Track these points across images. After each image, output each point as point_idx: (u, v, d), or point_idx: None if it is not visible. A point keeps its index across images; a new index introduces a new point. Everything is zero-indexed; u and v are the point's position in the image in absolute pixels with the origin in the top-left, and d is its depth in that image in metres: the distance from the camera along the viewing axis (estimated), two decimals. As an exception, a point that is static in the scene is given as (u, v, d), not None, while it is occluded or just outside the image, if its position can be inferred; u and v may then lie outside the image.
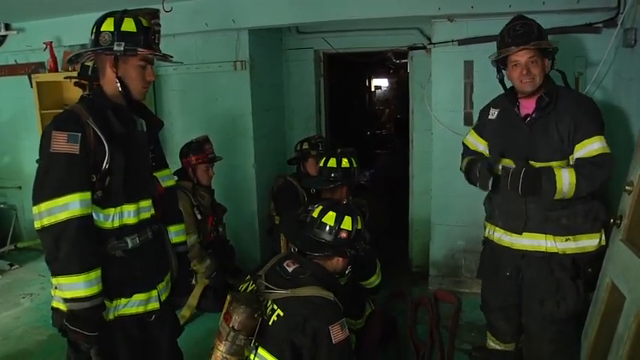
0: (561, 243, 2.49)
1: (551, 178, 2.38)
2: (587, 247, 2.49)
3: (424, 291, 4.27)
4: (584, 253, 2.50)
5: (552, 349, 2.58)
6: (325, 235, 2.34)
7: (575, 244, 2.48)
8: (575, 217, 2.48)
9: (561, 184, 2.36)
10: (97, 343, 1.91)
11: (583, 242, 2.49)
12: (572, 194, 2.37)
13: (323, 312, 2.11)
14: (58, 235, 1.81)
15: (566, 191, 2.37)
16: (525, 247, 2.59)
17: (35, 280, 4.69)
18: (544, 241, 2.52)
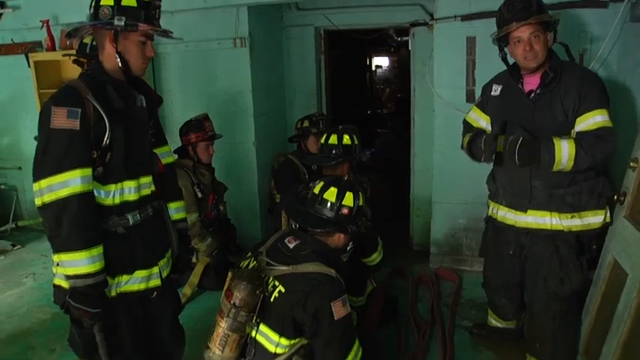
0: (566, 220, 2.47)
1: (550, 149, 2.35)
2: (592, 224, 2.48)
3: (425, 269, 4.27)
4: (589, 230, 2.49)
5: (555, 327, 2.58)
6: (326, 212, 2.32)
7: (580, 222, 2.47)
8: (580, 195, 2.46)
9: (560, 155, 2.33)
10: (100, 319, 1.91)
11: (588, 219, 2.47)
12: (571, 167, 2.34)
13: (325, 288, 2.10)
14: (59, 212, 1.80)
15: (565, 163, 2.34)
16: (530, 225, 2.57)
17: (37, 260, 4.71)
18: (549, 219, 2.50)
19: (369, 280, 3.27)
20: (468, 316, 3.52)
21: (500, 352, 3.06)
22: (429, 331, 3.24)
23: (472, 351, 3.12)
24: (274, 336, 2.17)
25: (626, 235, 2.36)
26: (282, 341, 2.17)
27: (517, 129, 2.43)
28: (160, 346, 2.29)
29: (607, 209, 2.49)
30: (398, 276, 4.13)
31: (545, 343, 2.61)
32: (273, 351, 2.20)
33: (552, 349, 2.60)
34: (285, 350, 2.21)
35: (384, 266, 3.26)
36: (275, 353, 2.20)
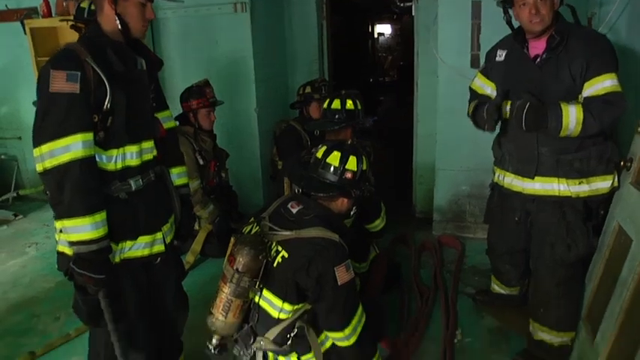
0: (574, 186, 2.44)
1: (558, 114, 2.29)
2: (600, 190, 2.44)
3: (428, 236, 4.28)
4: (597, 195, 2.45)
5: (560, 292, 2.57)
6: (330, 176, 2.29)
7: (588, 187, 2.43)
8: (588, 160, 2.41)
9: (568, 121, 2.28)
10: (104, 285, 1.89)
11: (596, 184, 2.43)
12: (578, 132, 2.29)
13: (328, 253, 2.08)
14: (60, 178, 1.77)
15: (572, 128, 2.29)
16: (537, 192, 2.53)
17: (40, 230, 4.73)
18: (557, 185, 2.46)
19: (372, 247, 3.26)
20: (471, 282, 3.53)
21: (503, 318, 3.07)
22: (432, 297, 3.25)
23: (475, 317, 3.13)
24: (277, 301, 2.16)
25: (632, 202, 2.33)
26: (285, 306, 2.17)
27: (524, 94, 2.37)
28: (163, 312, 2.29)
29: (615, 174, 2.44)
30: (401, 243, 4.13)
31: (549, 309, 2.60)
32: (277, 316, 2.20)
33: (556, 314, 2.59)
34: (289, 315, 2.21)
35: (387, 233, 3.25)
36: (278, 319, 2.20)
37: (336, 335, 2.20)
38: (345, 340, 2.20)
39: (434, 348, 2.84)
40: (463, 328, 3.00)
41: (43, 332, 3.09)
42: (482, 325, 3.05)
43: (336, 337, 2.22)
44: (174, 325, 2.40)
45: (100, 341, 2.14)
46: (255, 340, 2.28)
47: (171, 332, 2.40)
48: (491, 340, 2.91)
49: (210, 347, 2.25)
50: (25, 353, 2.83)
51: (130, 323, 2.09)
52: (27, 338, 3.03)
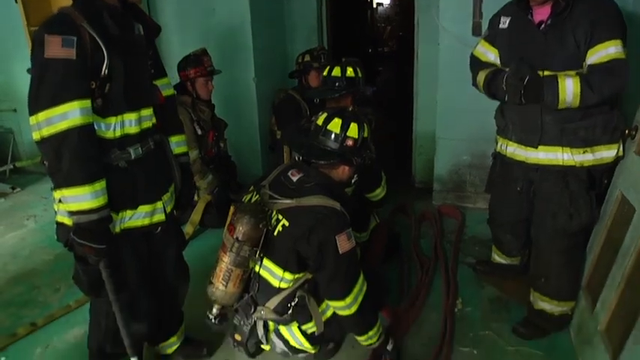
0: (579, 155, 2.40)
1: (554, 89, 2.25)
2: (604, 159, 2.41)
3: (428, 206, 4.26)
4: (601, 164, 2.42)
5: (561, 262, 2.56)
6: (331, 143, 2.25)
7: (592, 156, 2.40)
8: (593, 129, 2.37)
9: (564, 95, 2.23)
10: (105, 256, 1.87)
11: (601, 154, 2.40)
12: (577, 104, 2.25)
13: (329, 221, 2.06)
14: (58, 146, 1.72)
15: (570, 101, 2.24)
16: (541, 161, 2.50)
17: (38, 202, 4.70)
18: (561, 154, 2.43)
19: (373, 216, 3.24)
20: (472, 252, 3.53)
21: (504, 287, 3.07)
22: (432, 267, 3.24)
23: (475, 287, 3.13)
24: (278, 270, 2.15)
25: (636, 171, 2.30)
26: (286, 276, 2.16)
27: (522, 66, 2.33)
28: (164, 282, 2.28)
29: (620, 143, 2.40)
30: (401, 213, 4.12)
31: (550, 279, 2.60)
32: (277, 285, 2.19)
33: (557, 284, 2.59)
34: (289, 285, 2.20)
35: (387, 203, 3.23)
36: (279, 288, 2.20)
37: (337, 304, 2.20)
38: (346, 309, 2.20)
39: (434, 317, 2.84)
40: (463, 297, 3.00)
41: (43, 304, 3.09)
42: (482, 295, 3.05)
43: (337, 306, 2.21)
44: (175, 295, 2.40)
45: (101, 312, 2.13)
46: (256, 309, 2.29)
47: (171, 302, 2.39)
48: (491, 309, 2.91)
49: (211, 317, 2.26)
50: (26, 324, 2.84)
51: (131, 293, 2.08)
52: (28, 309, 3.03)
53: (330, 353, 2.55)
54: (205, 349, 2.59)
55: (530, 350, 2.56)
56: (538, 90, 2.28)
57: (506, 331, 2.71)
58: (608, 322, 2.25)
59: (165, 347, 2.53)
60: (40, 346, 2.70)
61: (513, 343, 2.61)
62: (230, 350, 2.60)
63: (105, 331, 2.16)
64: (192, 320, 2.60)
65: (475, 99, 2.73)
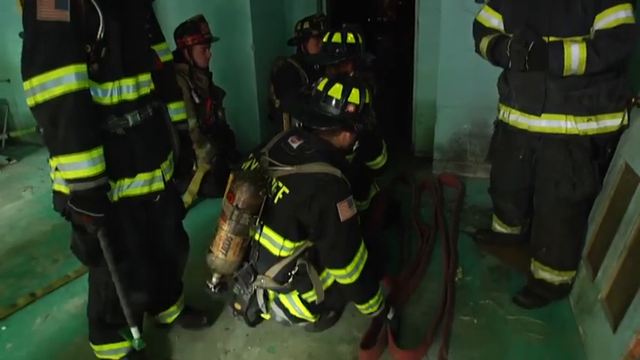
0: (582, 124, 2.35)
1: (559, 55, 2.20)
2: (608, 127, 2.36)
3: (428, 175, 4.24)
4: (605, 133, 2.37)
5: (563, 232, 2.54)
6: (332, 109, 2.20)
7: (596, 125, 2.35)
8: (598, 97, 2.32)
9: (570, 61, 2.18)
10: (103, 224, 1.83)
11: (605, 122, 2.35)
12: (582, 71, 2.20)
13: (330, 188, 2.03)
14: (54, 112, 1.66)
15: (575, 68, 2.20)
16: (544, 130, 2.45)
17: (34, 174, 4.66)
18: (564, 123, 2.38)
19: (373, 185, 3.21)
20: (472, 221, 3.51)
21: (504, 256, 3.07)
22: (432, 236, 3.23)
23: (475, 256, 3.12)
24: (278, 239, 2.13)
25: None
26: (286, 244, 2.14)
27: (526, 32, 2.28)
28: (163, 252, 2.26)
29: (625, 111, 2.36)
30: (400, 182, 4.10)
31: (551, 248, 2.59)
32: (278, 254, 2.17)
33: (559, 253, 2.58)
34: (290, 253, 2.18)
35: (387, 172, 3.20)
36: (279, 256, 2.18)
37: (338, 273, 2.18)
38: (347, 278, 2.18)
39: (434, 286, 2.84)
40: (463, 266, 3.00)
41: (42, 274, 3.08)
42: (482, 264, 3.04)
43: (338, 274, 2.20)
44: (175, 264, 2.38)
45: (100, 282, 2.10)
46: (256, 278, 2.27)
47: (171, 271, 2.38)
48: (491, 279, 2.91)
49: (210, 286, 2.24)
50: (25, 294, 2.84)
51: (131, 263, 2.05)
52: (27, 280, 3.02)
53: (330, 322, 2.55)
54: (205, 318, 2.58)
55: (531, 319, 2.56)
56: (543, 56, 2.23)
57: (506, 300, 2.71)
58: (609, 290, 2.24)
59: (165, 316, 2.52)
60: (39, 316, 2.70)
61: (513, 312, 2.61)
62: (230, 319, 2.60)
63: (104, 301, 2.13)
64: (192, 290, 2.60)
65: (477, 66, 2.68)
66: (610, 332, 2.11)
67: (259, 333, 2.55)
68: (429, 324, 2.53)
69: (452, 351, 2.38)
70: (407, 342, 2.46)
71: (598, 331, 2.25)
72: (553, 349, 2.38)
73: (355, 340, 2.46)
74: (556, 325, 2.52)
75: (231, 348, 2.47)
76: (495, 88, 2.74)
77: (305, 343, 2.47)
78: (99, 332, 2.23)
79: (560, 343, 2.42)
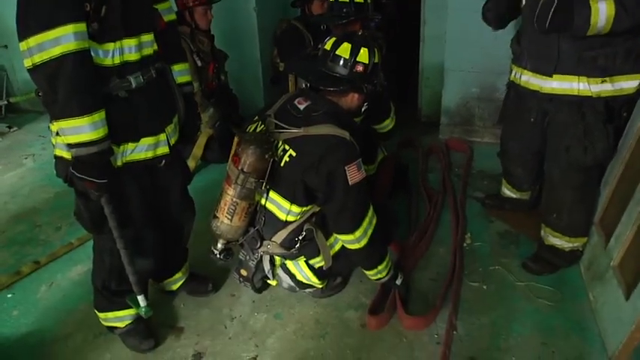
0: (596, 85, 2.26)
1: (585, 13, 2.04)
2: (624, 90, 2.26)
3: (435, 140, 4.18)
4: (621, 95, 2.27)
5: (574, 198, 2.49)
6: (340, 69, 2.12)
7: (611, 87, 2.25)
8: (614, 57, 2.21)
9: (596, 19, 2.04)
10: (107, 190, 1.78)
11: (621, 84, 2.25)
12: (608, 29, 2.07)
13: (339, 151, 1.97)
14: (52, 74, 1.59)
15: (601, 27, 2.06)
16: (555, 91, 2.36)
17: (36, 141, 4.62)
18: (577, 84, 2.29)
19: (380, 149, 3.15)
20: (480, 187, 3.47)
21: (513, 222, 3.03)
22: (440, 201, 3.18)
23: (484, 221, 3.09)
24: (285, 203, 2.08)
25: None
26: (293, 208, 2.09)
27: None
28: (169, 217, 2.22)
29: None
30: (407, 147, 4.03)
31: (562, 214, 2.54)
32: (284, 219, 2.13)
33: (569, 219, 2.53)
34: (297, 218, 2.14)
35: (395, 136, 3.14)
36: (286, 221, 2.14)
37: (346, 238, 2.14)
38: (355, 243, 2.14)
39: (443, 251, 2.81)
40: (472, 232, 2.96)
41: (45, 242, 3.07)
42: (491, 230, 3.01)
43: (346, 239, 2.15)
44: (180, 230, 2.34)
45: (104, 249, 2.07)
46: (262, 244, 2.24)
47: (176, 238, 2.34)
48: (500, 244, 2.88)
49: (216, 252, 2.21)
50: (29, 262, 2.83)
51: (136, 229, 2.01)
52: (30, 248, 3.02)
53: (337, 288, 2.53)
54: (211, 285, 2.56)
55: (540, 286, 2.54)
56: (568, 12, 2.07)
57: (515, 266, 2.68)
58: (622, 257, 2.21)
59: (171, 283, 2.50)
60: (44, 284, 2.70)
61: (523, 279, 2.59)
62: (236, 286, 2.58)
63: (109, 269, 2.11)
64: (197, 256, 2.57)
65: (486, 29, 2.59)
66: (622, 299, 2.09)
67: (265, 299, 2.53)
68: (437, 290, 2.51)
69: (461, 317, 2.37)
70: (415, 308, 2.44)
71: (609, 299, 2.23)
72: (563, 316, 2.36)
73: (363, 307, 2.44)
74: (566, 292, 2.50)
75: (237, 314, 2.45)
76: (505, 51, 2.67)
77: (312, 309, 2.45)
78: (104, 300, 2.21)
79: (570, 309, 2.40)
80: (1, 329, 2.42)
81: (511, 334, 2.27)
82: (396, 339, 2.27)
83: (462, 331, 2.29)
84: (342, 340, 2.28)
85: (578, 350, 2.17)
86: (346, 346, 2.25)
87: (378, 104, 2.59)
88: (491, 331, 2.29)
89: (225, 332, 2.35)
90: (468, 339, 2.25)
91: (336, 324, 2.37)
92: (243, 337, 2.32)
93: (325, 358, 2.20)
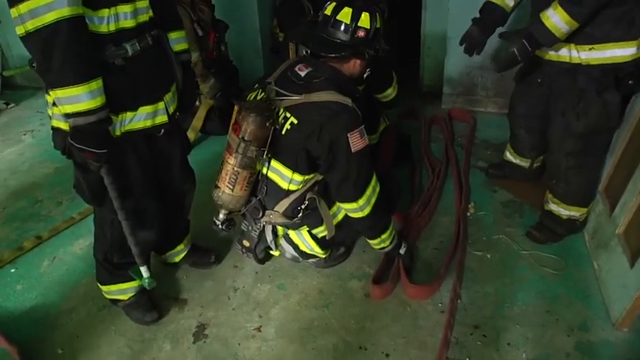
0: (584, 52, 2.22)
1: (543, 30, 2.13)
2: (617, 58, 2.21)
3: (437, 110, 4.12)
4: (615, 63, 2.22)
5: (569, 164, 2.47)
6: (341, 35, 2.07)
7: (601, 54, 2.21)
8: (602, 24, 2.16)
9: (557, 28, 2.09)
10: (106, 161, 1.75)
11: (611, 52, 2.20)
12: (577, 25, 2.08)
13: (341, 118, 1.93)
14: (46, 42, 1.53)
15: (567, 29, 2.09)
16: (551, 58, 2.37)
17: (34, 117, 4.58)
18: (567, 51, 2.27)
19: (382, 118, 3.10)
20: (483, 156, 3.43)
21: (517, 191, 3.01)
22: (444, 170, 3.15)
23: (488, 191, 3.06)
24: (287, 172, 2.05)
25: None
26: (295, 177, 2.06)
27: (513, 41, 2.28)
28: (170, 188, 2.19)
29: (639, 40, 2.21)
30: (409, 117, 3.98)
31: (559, 180, 2.53)
32: (286, 188, 2.11)
33: (564, 187, 2.52)
34: (299, 187, 2.12)
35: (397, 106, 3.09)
36: (288, 190, 2.12)
37: (350, 206, 2.12)
38: (358, 212, 2.12)
39: (446, 221, 2.80)
40: (476, 201, 2.94)
41: (46, 217, 3.06)
42: (495, 199, 2.99)
43: (349, 208, 2.13)
44: (182, 201, 2.31)
45: (105, 221, 2.05)
46: (264, 214, 2.22)
47: (178, 208, 2.32)
48: (504, 214, 2.86)
49: (217, 223, 2.19)
50: (31, 237, 2.83)
51: (137, 200, 1.99)
52: (32, 223, 3.01)
53: (340, 258, 2.52)
54: (213, 257, 2.55)
55: (544, 254, 2.53)
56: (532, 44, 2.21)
57: (519, 235, 2.67)
58: (627, 225, 2.20)
59: (172, 255, 2.49)
60: (47, 259, 2.70)
61: (527, 248, 2.58)
62: (238, 257, 2.57)
63: (111, 241, 2.09)
64: (199, 229, 2.56)
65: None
66: (627, 267, 2.08)
67: (268, 270, 2.52)
68: (441, 259, 2.50)
69: (465, 285, 2.37)
70: (419, 277, 2.44)
71: (614, 267, 2.22)
72: (567, 284, 2.35)
73: (367, 276, 2.43)
74: (570, 260, 2.49)
75: (240, 286, 2.45)
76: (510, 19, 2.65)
77: (315, 280, 2.45)
78: (106, 273, 2.20)
79: (574, 277, 2.39)
80: (6, 303, 2.42)
81: (515, 303, 2.26)
82: (400, 308, 2.27)
83: (466, 300, 2.29)
84: (346, 310, 2.28)
85: (582, 317, 2.17)
86: (350, 316, 2.24)
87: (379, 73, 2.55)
88: (495, 300, 2.28)
89: (229, 303, 2.35)
90: (472, 307, 2.25)
91: (340, 294, 2.37)
92: (246, 308, 2.32)
93: (329, 327, 2.20)
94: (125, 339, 2.21)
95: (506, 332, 2.12)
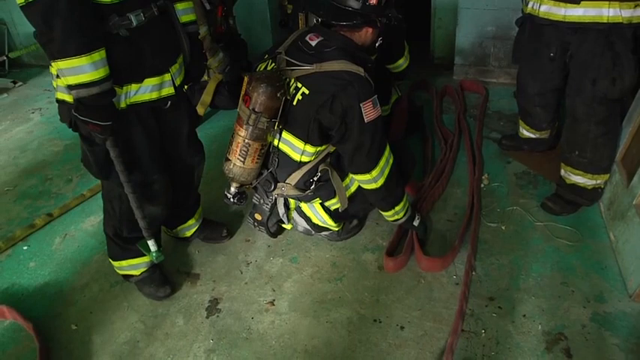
0: (628, 10, 2.11)
1: None
2: None
3: (448, 82, 4.05)
4: None
5: (597, 132, 2.39)
6: (352, 2, 2.00)
7: None
8: None
9: None
10: (111, 133, 1.73)
11: None
12: None
13: (353, 88, 1.88)
14: (47, 10, 1.50)
15: None
16: (581, 19, 2.22)
17: (41, 96, 4.58)
18: (606, 10, 2.14)
19: (394, 89, 3.05)
20: (496, 127, 3.38)
21: (530, 163, 2.97)
22: (456, 141, 3.11)
23: (501, 162, 3.02)
24: (299, 143, 2.02)
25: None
26: (307, 148, 2.03)
27: None
28: (178, 161, 2.16)
29: None
30: (420, 89, 3.93)
31: (585, 151, 2.45)
32: (298, 159, 2.07)
33: (593, 156, 2.45)
34: (311, 158, 2.08)
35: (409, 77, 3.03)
36: (300, 162, 2.08)
37: (363, 177, 2.08)
38: (372, 183, 2.09)
39: (460, 193, 2.76)
40: (489, 173, 2.90)
41: (57, 194, 3.06)
42: (508, 170, 2.94)
43: (362, 179, 2.10)
44: (191, 174, 2.29)
45: (113, 195, 2.03)
46: (276, 186, 2.19)
47: (187, 182, 2.29)
48: (518, 185, 2.82)
49: (229, 196, 2.17)
50: (43, 215, 2.83)
51: (144, 173, 1.97)
52: (43, 201, 3.02)
53: (353, 230, 2.50)
54: (225, 231, 2.54)
55: (560, 226, 2.50)
56: None
57: (534, 206, 2.64)
58: (645, 196, 2.15)
59: (184, 230, 2.48)
60: (58, 236, 2.71)
61: (542, 219, 2.55)
62: (250, 231, 2.56)
63: (119, 215, 2.08)
64: (211, 204, 2.54)
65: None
66: (645, 238, 2.04)
67: (281, 244, 2.51)
68: (455, 231, 2.48)
69: (479, 257, 2.34)
70: (433, 249, 2.42)
71: (631, 237, 2.18)
72: (583, 256, 2.32)
73: (380, 249, 2.41)
74: (585, 232, 2.45)
75: (252, 260, 2.43)
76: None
77: (328, 253, 2.43)
78: (117, 248, 2.20)
79: (590, 249, 2.36)
80: (20, 280, 2.43)
81: (530, 274, 2.24)
82: (414, 280, 2.25)
83: (480, 272, 2.26)
84: (360, 283, 2.26)
85: (598, 289, 2.14)
86: (364, 289, 2.23)
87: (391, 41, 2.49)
88: (510, 272, 2.26)
89: (242, 277, 2.34)
90: (487, 279, 2.23)
91: (353, 267, 2.35)
92: (259, 282, 2.31)
93: (343, 300, 2.18)
94: (138, 314, 2.21)
95: (522, 304, 2.10)
